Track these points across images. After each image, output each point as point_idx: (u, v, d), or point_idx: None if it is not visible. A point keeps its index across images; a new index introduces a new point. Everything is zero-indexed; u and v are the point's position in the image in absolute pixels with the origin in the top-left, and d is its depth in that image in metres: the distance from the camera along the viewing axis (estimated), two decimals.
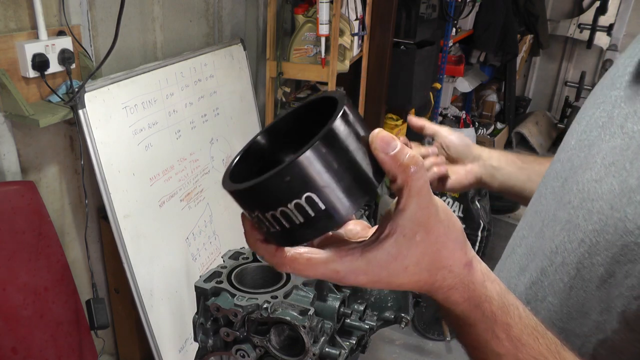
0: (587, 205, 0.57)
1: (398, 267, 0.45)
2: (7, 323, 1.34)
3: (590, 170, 0.58)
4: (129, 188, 1.56)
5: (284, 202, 0.37)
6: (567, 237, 0.59)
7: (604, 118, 0.60)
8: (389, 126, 3.11)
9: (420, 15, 2.81)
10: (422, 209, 0.43)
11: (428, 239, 0.44)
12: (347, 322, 0.93)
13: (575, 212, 0.58)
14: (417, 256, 0.45)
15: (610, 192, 0.54)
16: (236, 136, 2.17)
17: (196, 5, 2.05)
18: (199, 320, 0.86)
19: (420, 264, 0.45)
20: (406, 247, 0.44)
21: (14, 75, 1.36)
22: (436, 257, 0.45)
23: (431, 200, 0.44)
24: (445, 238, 0.45)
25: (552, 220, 0.63)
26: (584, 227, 0.56)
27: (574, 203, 0.59)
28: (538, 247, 0.65)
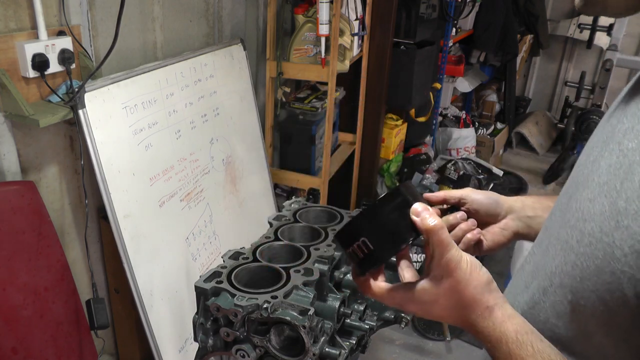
0: (580, 226, 0.56)
1: (432, 301, 0.62)
2: (7, 323, 1.34)
3: (587, 189, 0.58)
4: (129, 188, 1.56)
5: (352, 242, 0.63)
6: (563, 258, 0.59)
7: (608, 133, 0.59)
8: (388, 126, 3.11)
9: (420, 15, 2.81)
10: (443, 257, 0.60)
11: (451, 282, 0.60)
12: (347, 322, 0.93)
13: (571, 232, 0.58)
14: (445, 294, 0.61)
15: (601, 213, 0.53)
16: (236, 136, 2.17)
17: (196, 5, 2.05)
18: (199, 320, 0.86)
19: (449, 300, 0.61)
20: (436, 286, 0.61)
21: (14, 75, 1.36)
22: (460, 297, 0.60)
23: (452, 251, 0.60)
24: (466, 283, 0.60)
25: (555, 238, 0.63)
26: (577, 249, 0.56)
27: (571, 222, 0.59)
28: (542, 265, 0.65)
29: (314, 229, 1.04)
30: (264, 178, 2.39)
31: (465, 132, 3.97)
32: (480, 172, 3.29)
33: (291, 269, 0.89)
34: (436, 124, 3.72)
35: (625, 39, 4.27)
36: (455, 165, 3.25)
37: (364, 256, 0.63)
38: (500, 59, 4.30)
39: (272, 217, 1.09)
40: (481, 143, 4.20)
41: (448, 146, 3.98)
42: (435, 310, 0.63)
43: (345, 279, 0.98)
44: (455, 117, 4.15)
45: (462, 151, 3.95)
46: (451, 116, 4.16)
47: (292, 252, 0.97)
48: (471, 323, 0.61)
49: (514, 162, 4.75)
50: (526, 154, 4.95)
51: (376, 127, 2.92)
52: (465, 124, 4.08)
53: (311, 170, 2.55)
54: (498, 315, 0.60)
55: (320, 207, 1.14)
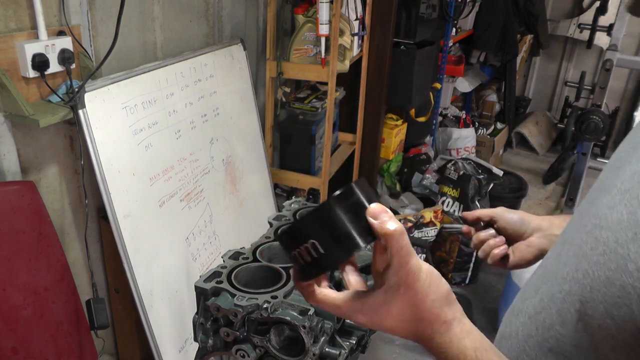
0: (596, 233, 0.53)
1: (385, 312, 0.56)
2: (7, 323, 1.34)
3: (608, 195, 0.55)
4: (129, 188, 1.56)
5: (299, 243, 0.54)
6: (575, 265, 0.56)
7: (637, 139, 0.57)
8: (388, 126, 3.11)
9: (420, 15, 2.81)
10: (403, 266, 0.54)
11: (409, 293, 0.55)
12: (347, 322, 0.93)
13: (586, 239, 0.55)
14: (401, 306, 0.56)
15: (619, 222, 0.51)
16: (236, 136, 2.17)
17: (196, 5, 2.05)
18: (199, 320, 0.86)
19: (404, 313, 0.56)
20: (391, 297, 0.56)
21: (14, 75, 1.36)
22: (417, 310, 0.55)
23: (411, 260, 0.55)
24: (423, 296, 0.55)
25: (569, 243, 0.60)
26: (590, 256, 0.53)
27: (587, 228, 0.56)
28: (552, 270, 0.62)
29: None
30: (264, 178, 2.39)
31: (465, 132, 3.97)
32: (480, 172, 3.28)
33: (291, 269, 0.89)
34: (436, 124, 3.72)
35: (625, 39, 4.26)
36: (455, 165, 3.25)
37: (311, 260, 0.55)
38: (500, 59, 4.30)
39: (272, 217, 1.09)
40: (481, 143, 4.20)
41: (448, 146, 3.98)
42: (388, 322, 0.57)
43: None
44: (455, 117, 4.15)
45: (462, 151, 3.95)
46: (451, 116, 4.16)
47: None
48: (426, 338, 0.57)
49: (514, 162, 4.75)
50: (526, 154, 4.95)
51: (376, 127, 2.92)
52: (465, 124, 4.08)
53: (311, 170, 2.55)
54: (456, 331, 0.56)
55: None
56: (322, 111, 2.49)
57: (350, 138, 2.94)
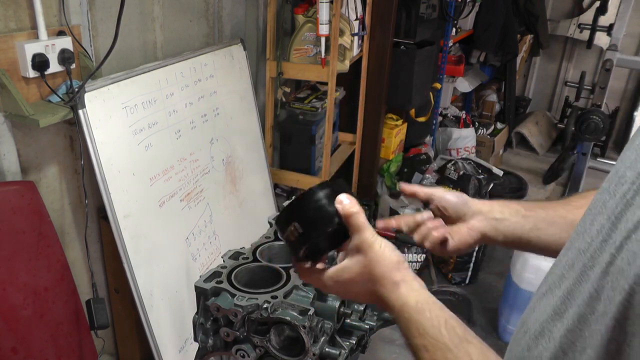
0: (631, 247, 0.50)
1: (349, 279, 0.68)
2: (7, 323, 1.34)
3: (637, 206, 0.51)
4: (129, 188, 1.56)
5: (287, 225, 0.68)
6: (610, 282, 0.52)
7: None
8: (388, 126, 3.11)
9: (420, 15, 2.81)
10: (360, 238, 0.67)
11: (364, 260, 0.67)
12: (347, 322, 0.93)
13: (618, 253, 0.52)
14: (359, 271, 0.67)
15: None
16: (236, 136, 2.17)
17: (196, 5, 2.05)
18: (199, 320, 0.86)
19: (362, 277, 0.67)
20: (352, 263, 0.68)
21: (14, 75, 1.36)
22: (371, 273, 0.67)
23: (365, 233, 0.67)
24: (376, 261, 0.66)
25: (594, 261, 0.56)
26: (627, 271, 0.50)
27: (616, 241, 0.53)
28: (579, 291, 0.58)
29: None
30: (264, 178, 2.39)
31: (465, 132, 3.97)
32: (480, 172, 3.28)
33: (291, 269, 0.89)
34: (436, 124, 3.72)
35: (625, 39, 4.26)
36: (455, 165, 3.25)
37: (295, 239, 0.68)
38: (500, 59, 4.30)
39: (272, 217, 1.09)
40: (481, 143, 4.20)
41: (448, 146, 3.98)
42: (352, 288, 0.69)
43: None
44: (455, 117, 4.15)
45: (462, 151, 3.95)
46: (451, 116, 4.16)
47: None
48: (380, 297, 0.67)
49: (514, 162, 4.75)
50: (526, 154, 4.95)
51: (376, 127, 2.92)
52: (465, 124, 4.08)
53: (311, 170, 2.55)
54: (402, 289, 0.66)
55: None
56: (322, 111, 2.49)
57: (350, 138, 2.94)
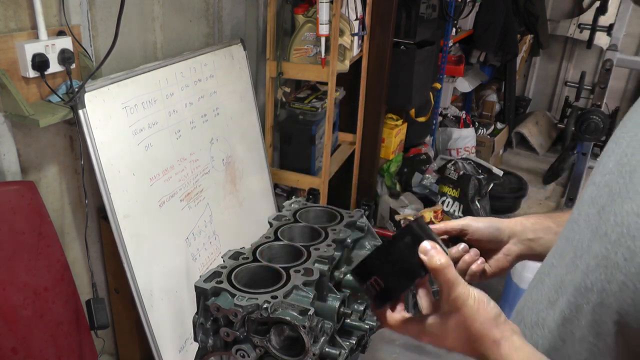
0: (627, 243, 0.52)
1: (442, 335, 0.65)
2: (7, 323, 1.34)
3: (630, 201, 0.53)
4: (129, 188, 1.56)
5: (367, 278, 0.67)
6: (604, 275, 0.55)
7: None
8: (388, 126, 3.11)
9: (420, 15, 2.81)
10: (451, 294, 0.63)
11: (459, 317, 0.63)
12: (347, 322, 0.93)
13: (614, 249, 0.54)
14: (454, 329, 0.64)
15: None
16: (236, 136, 2.17)
17: (196, 5, 2.05)
18: (199, 320, 0.86)
19: (458, 335, 0.64)
20: (444, 322, 0.64)
21: (14, 75, 1.36)
22: (468, 332, 0.63)
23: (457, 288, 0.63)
24: (472, 319, 0.62)
25: (585, 252, 0.60)
26: (625, 268, 0.52)
27: (611, 237, 0.55)
28: (569, 280, 0.62)
29: (314, 229, 1.04)
30: (264, 178, 2.39)
31: (465, 132, 3.97)
32: (480, 172, 3.28)
33: (291, 269, 0.89)
34: (436, 124, 3.72)
35: (625, 39, 4.26)
36: (455, 165, 3.25)
37: (377, 291, 0.67)
38: (500, 59, 4.29)
39: (272, 217, 1.09)
40: (481, 143, 4.20)
41: (448, 146, 3.98)
42: (447, 343, 0.66)
43: (345, 279, 0.98)
44: (455, 117, 4.15)
45: (462, 151, 3.95)
46: (451, 116, 4.16)
47: (292, 252, 0.97)
48: (481, 355, 0.63)
49: (514, 162, 4.75)
50: (526, 154, 4.95)
51: (376, 127, 2.92)
52: (465, 124, 4.08)
53: (311, 170, 2.55)
54: (505, 348, 0.61)
55: (320, 207, 1.14)
56: (322, 111, 2.49)
57: (350, 138, 2.94)
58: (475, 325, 0.62)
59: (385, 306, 0.69)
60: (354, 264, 1.01)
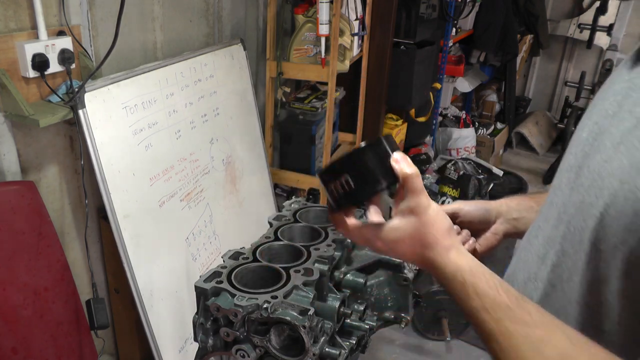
0: (598, 184, 0.62)
1: (398, 238, 0.70)
2: (7, 323, 1.34)
3: (599, 153, 0.64)
4: (129, 188, 1.56)
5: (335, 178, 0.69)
6: (581, 216, 0.65)
7: (615, 108, 0.66)
8: (388, 126, 3.11)
9: (420, 15, 2.81)
10: (414, 200, 0.68)
11: (416, 222, 0.68)
12: (347, 322, 0.93)
13: (588, 193, 0.64)
14: (410, 232, 0.69)
15: (619, 168, 0.59)
16: (236, 136, 2.17)
17: (196, 5, 2.05)
18: (199, 320, 0.86)
19: (412, 239, 0.69)
20: (404, 224, 0.69)
21: (14, 75, 1.36)
22: (422, 236, 0.68)
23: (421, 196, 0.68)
24: (429, 225, 0.68)
25: (568, 207, 0.69)
26: (597, 204, 0.61)
27: (585, 185, 0.65)
28: (556, 234, 0.70)
29: (314, 229, 1.04)
30: (264, 178, 2.39)
31: (465, 132, 3.97)
32: (480, 172, 3.29)
33: (291, 269, 0.89)
34: (436, 124, 3.72)
35: (625, 39, 4.27)
36: (455, 165, 3.26)
37: (343, 192, 0.69)
38: (500, 59, 4.29)
39: (272, 217, 1.09)
40: (481, 143, 4.20)
41: (448, 146, 3.98)
42: (400, 247, 0.70)
43: (345, 278, 0.98)
44: (455, 117, 4.15)
45: (462, 151, 3.95)
46: (451, 116, 4.16)
47: (292, 252, 0.97)
48: (430, 260, 0.69)
49: (514, 162, 4.75)
50: (526, 154, 4.95)
51: (376, 127, 2.92)
52: (465, 124, 4.08)
53: (311, 170, 2.55)
54: (453, 254, 0.68)
55: (320, 207, 1.14)
56: (322, 111, 2.49)
57: (350, 138, 2.94)
58: (431, 232, 0.68)
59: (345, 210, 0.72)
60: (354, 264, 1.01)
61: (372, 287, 1.06)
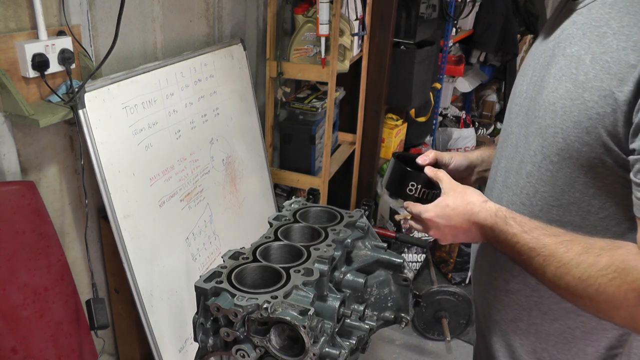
0: (551, 108, 0.84)
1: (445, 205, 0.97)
2: (7, 323, 1.34)
3: (545, 89, 0.86)
4: (129, 188, 1.56)
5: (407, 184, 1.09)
6: (541, 139, 0.87)
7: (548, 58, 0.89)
8: (388, 126, 3.11)
9: (420, 15, 2.81)
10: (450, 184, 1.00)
11: (456, 193, 0.98)
12: (347, 322, 0.93)
13: (543, 118, 0.86)
14: (454, 199, 0.96)
15: (567, 91, 0.81)
16: (236, 136, 2.17)
17: (196, 5, 2.05)
18: (199, 320, 0.86)
19: (456, 202, 0.96)
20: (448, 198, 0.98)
21: (13, 75, 1.36)
22: (464, 198, 0.96)
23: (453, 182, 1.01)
24: (464, 192, 0.97)
25: (524, 139, 0.93)
26: (553, 123, 0.83)
27: (539, 114, 0.87)
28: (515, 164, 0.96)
29: (314, 229, 1.04)
30: (264, 178, 2.39)
31: (466, 132, 3.97)
32: None
33: (291, 269, 0.89)
34: (436, 124, 3.72)
35: None
36: None
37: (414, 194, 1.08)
38: (500, 59, 4.30)
39: (272, 217, 1.09)
40: (481, 143, 4.20)
41: (448, 146, 3.98)
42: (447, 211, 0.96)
43: (345, 278, 0.98)
44: (455, 117, 4.15)
45: (462, 151, 3.94)
46: (451, 116, 4.16)
47: (292, 252, 0.97)
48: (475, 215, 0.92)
49: None
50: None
51: (376, 127, 2.92)
52: (465, 124, 4.08)
53: (311, 170, 2.55)
54: (491, 204, 0.93)
55: (320, 207, 1.15)
56: (322, 111, 2.49)
57: (350, 138, 2.94)
58: (468, 192, 0.96)
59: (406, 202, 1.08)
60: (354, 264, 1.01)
61: (372, 287, 1.06)
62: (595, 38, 0.79)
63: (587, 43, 0.80)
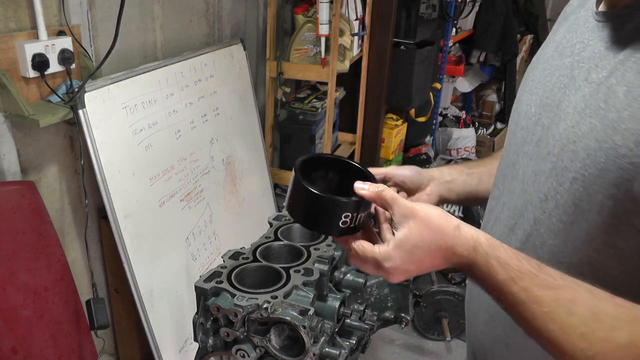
0: (570, 148, 0.67)
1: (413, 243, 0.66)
2: (7, 323, 1.34)
3: (563, 121, 0.69)
4: (129, 188, 1.56)
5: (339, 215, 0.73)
6: (555, 182, 0.70)
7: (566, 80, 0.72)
8: (388, 126, 3.11)
9: (420, 15, 2.81)
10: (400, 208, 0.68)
11: (417, 221, 0.67)
12: (347, 322, 0.93)
13: (559, 157, 0.69)
14: (417, 231, 0.66)
15: (592, 130, 0.64)
16: (236, 136, 2.17)
17: (196, 5, 2.05)
18: (199, 320, 0.86)
19: (423, 237, 0.66)
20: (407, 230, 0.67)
21: (14, 75, 1.36)
22: (430, 228, 0.66)
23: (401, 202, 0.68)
24: (428, 218, 0.67)
25: (532, 176, 0.75)
26: (573, 166, 0.66)
27: (554, 152, 0.70)
28: (522, 204, 0.76)
29: None
30: (264, 178, 2.39)
31: (466, 132, 3.97)
32: None
33: (291, 269, 0.89)
34: (436, 124, 3.72)
35: None
36: None
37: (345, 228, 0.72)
38: (500, 59, 4.30)
39: (272, 217, 1.09)
40: (481, 143, 4.20)
41: (448, 146, 3.98)
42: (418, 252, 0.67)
43: (345, 279, 0.98)
44: (455, 117, 4.15)
45: (462, 151, 3.95)
46: (451, 116, 4.16)
47: (292, 252, 0.97)
48: (448, 246, 0.66)
49: None
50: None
51: (376, 127, 2.92)
52: (465, 124, 4.08)
53: None
54: (464, 230, 0.67)
55: None
56: (322, 111, 2.49)
57: (350, 138, 2.94)
58: (433, 221, 0.67)
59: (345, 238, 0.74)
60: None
61: (372, 287, 1.06)
62: (633, 65, 0.61)
63: (622, 70, 0.63)
